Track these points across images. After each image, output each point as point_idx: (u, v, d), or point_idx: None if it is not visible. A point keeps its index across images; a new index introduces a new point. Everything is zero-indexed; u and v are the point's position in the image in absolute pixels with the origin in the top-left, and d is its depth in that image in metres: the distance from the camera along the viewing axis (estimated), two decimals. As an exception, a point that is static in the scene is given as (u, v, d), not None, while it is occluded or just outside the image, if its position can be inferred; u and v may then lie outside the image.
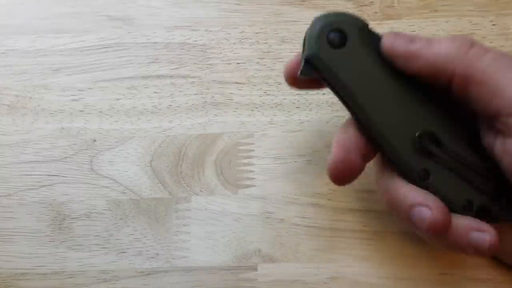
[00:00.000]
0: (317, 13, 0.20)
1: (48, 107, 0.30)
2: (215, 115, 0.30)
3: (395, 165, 0.20)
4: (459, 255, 0.27)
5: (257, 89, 0.30)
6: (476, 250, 0.19)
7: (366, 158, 0.21)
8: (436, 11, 0.31)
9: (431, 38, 0.19)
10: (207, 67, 0.30)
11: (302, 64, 0.20)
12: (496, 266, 0.27)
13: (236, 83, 0.30)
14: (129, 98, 0.30)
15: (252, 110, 0.29)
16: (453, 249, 0.20)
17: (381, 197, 0.21)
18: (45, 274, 0.27)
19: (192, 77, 0.30)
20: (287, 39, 0.31)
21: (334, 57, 0.19)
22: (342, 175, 0.21)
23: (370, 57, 0.19)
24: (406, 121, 0.19)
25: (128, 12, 0.32)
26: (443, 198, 0.19)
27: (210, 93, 0.30)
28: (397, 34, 0.20)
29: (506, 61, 0.18)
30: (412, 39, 0.19)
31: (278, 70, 0.30)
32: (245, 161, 0.29)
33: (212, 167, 0.29)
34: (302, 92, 0.29)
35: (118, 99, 0.30)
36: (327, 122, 0.29)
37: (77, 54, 0.31)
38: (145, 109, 0.30)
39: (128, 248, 0.28)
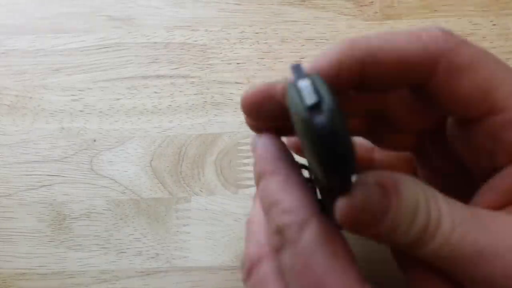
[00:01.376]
0: (317, 13, 0.20)
1: (48, 107, 0.30)
2: (215, 115, 0.29)
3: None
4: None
5: (257, 89, 0.30)
6: None
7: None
8: (436, 11, 0.31)
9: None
10: (207, 67, 0.30)
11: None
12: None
13: (236, 83, 0.30)
14: (129, 98, 0.30)
15: (252, 110, 0.29)
16: None
17: None
18: (45, 274, 0.27)
19: (192, 77, 0.30)
20: (287, 39, 0.31)
21: None
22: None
23: None
24: None
25: (128, 12, 0.32)
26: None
27: (210, 93, 0.30)
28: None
29: (491, 55, 0.16)
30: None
31: (278, 70, 0.30)
32: (245, 161, 0.29)
33: (212, 167, 0.29)
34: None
35: (118, 99, 0.30)
36: (327, 122, 0.29)
37: (77, 54, 0.31)
38: (145, 109, 0.30)
39: (128, 248, 0.28)
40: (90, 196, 0.29)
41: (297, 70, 0.14)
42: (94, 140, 0.29)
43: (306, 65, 0.15)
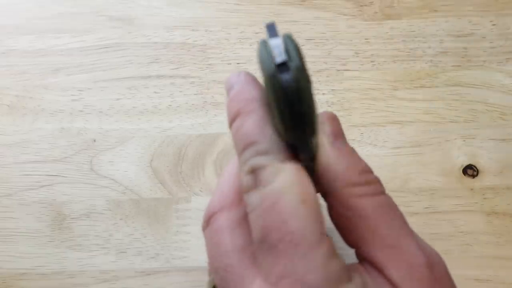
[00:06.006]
0: (317, 13, 0.20)
1: (48, 107, 0.30)
2: (215, 115, 0.30)
3: None
4: (459, 255, 0.27)
5: (257, 89, 0.30)
6: None
7: None
8: (436, 11, 0.31)
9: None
10: (207, 67, 0.30)
11: None
12: (496, 266, 0.27)
13: (236, 83, 0.30)
14: (129, 98, 0.30)
15: (252, 110, 0.29)
16: None
17: None
18: (45, 274, 0.27)
19: (192, 77, 0.30)
20: (287, 39, 0.31)
21: None
22: None
23: None
24: None
25: (128, 12, 0.32)
26: None
27: (210, 93, 0.30)
28: None
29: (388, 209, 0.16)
30: None
31: (278, 70, 0.30)
32: (245, 161, 0.29)
33: (212, 167, 0.29)
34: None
35: (118, 99, 0.30)
36: (327, 122, 0.29)
37: (77, 54, 0.31)
38: (145, 109, 0.30)
39: (128, 248, 0.28)
40: (90, 196, 0.29)
41: (271, 28, 0.14)
42: (94, 140, 0.29)
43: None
